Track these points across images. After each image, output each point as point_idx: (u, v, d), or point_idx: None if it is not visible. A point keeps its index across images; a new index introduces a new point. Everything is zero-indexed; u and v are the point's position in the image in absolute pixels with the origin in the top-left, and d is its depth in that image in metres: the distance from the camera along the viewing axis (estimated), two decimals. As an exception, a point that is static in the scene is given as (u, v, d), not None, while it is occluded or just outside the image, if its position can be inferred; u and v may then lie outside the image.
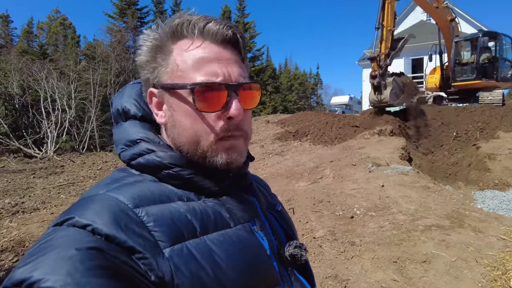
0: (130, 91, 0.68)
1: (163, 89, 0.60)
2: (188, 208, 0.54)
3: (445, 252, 2.97)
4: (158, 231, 0.49)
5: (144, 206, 0.51)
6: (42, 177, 8.76)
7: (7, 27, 27.98)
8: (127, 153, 0.61)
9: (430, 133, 9.11)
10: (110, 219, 0.46)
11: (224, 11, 28.46)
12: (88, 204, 0.49)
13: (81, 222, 0.45)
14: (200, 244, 0.51)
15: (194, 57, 0.58)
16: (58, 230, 0.45)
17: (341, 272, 2.83)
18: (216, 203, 0.59)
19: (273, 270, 0.60)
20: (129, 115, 0.65)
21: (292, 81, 38.68)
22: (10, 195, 6.83)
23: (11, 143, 14.17)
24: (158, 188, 0.56)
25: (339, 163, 6.42)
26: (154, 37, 0.60)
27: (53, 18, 28.78)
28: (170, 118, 0.60)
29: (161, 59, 0.60)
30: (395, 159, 6.24)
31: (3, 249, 4.07)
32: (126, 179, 0.57)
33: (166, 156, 0.58)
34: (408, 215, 3.78)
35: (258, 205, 0.67)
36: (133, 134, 0.62)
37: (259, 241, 0.60)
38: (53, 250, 0.41)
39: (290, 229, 0.74)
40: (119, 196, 0.51)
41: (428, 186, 4.70)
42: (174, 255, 0.48)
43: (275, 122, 13.81)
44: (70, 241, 0.42)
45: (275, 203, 0.79)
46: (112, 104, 0.69)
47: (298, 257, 0.65)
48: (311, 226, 3.76)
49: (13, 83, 16.14)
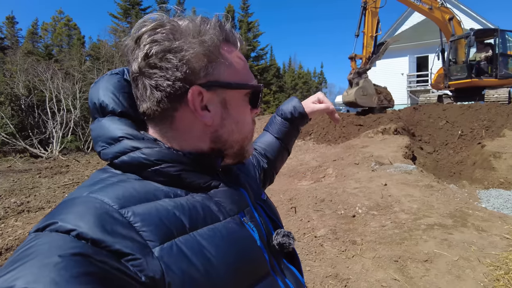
0: (107, 83, 0.64)
1: (223, 87, 0.60)
2: (176, 205, 0.53)
3: (447, 251, 2.95)
4: (146, 230, 0.48)
5: (130, 206, 0.49)
6: (47, 177, 8.85)
7: (13, 28, 28.23)
8: (108, 151, 0.58)
9: None
10: (95, 222, 0.44)
11: (227, 11, 28.45)
12: (71, 208, 0.47)
13: (64, 227, 0.43)
14: (190, 240, 0.51)
15: (243, 64, 0.65)
16: (39, 236, 0.43)
17: (341, 271, 2.82)
18: (204, 197, 0.58)
19: (263, 260, 0.60)
20: (107, 110, 0.61)
21: (296, 80, 38.59)
22: (16, 194, 6.91)
23: (17, 143, 14.33)
24: (143, 186, 0.54)
25: (342, 162, 6.40)
26: (214, 34, 0.59)
27: (57, 19, 29.04)
28: (227, 116, 0.62)
29: (221, 57, 0.60)
30: (398, 158, 6.21)
31: (8, 247, 4.12)
32: (109, 180, 0.54)
33: (152, 152, 0.56)
34: (411, 214, 3.75)
35: (247, 196, 0.67)
36: (115, 131, 0.58)
37: (250, 232, 0.60)
38: (35, 258, 0.39)
39: (277, 218, 0.75)
40: (104, 198, 0.49)
41: (432, 185, 4.66)
42: (164, 254, 0.47)
43: (278, 121, 13.80)
44: (53, 248, 0.41)
45: (261, 193, 0.79)
46: (89, 96, 0.66)
47: (286, 245, 0.66)
48: (312, 225, 3.75)
49: (19, 84, 16.32)
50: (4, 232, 4.63)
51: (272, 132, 1.12)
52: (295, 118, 1.10)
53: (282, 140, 1.11)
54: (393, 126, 8.52)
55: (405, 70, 21.70)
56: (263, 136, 1.14)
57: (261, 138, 1.13)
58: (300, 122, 1.12)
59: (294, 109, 1.09)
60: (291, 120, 1.10)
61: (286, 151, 1.15)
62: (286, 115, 1.10)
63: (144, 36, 0.57)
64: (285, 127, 1.11)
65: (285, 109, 1.10)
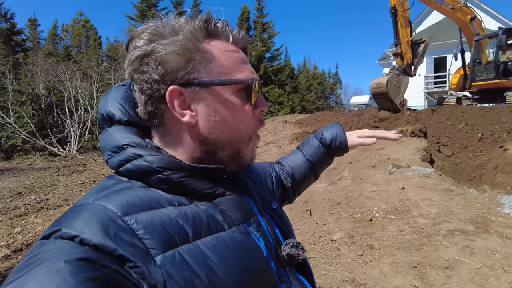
0: (115, 95, 0.66)
1: (203, 86, 0.57)
2: (180, 213, 0.53)
3: (469, 258, 2.85)
4: (149, 238, 0.48)
5: (133, 214, 0.49)
6: (65, 175, 9.06)
7: (35, 30, 29.08)
8: (114, 159, 0.59)
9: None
10: (99, 229, 0.45)
11: (243, 11, 28.53)
12: (75, 215, 0.48)
13: (68, 234, 0.44)
14: (193, 249, 0.50)
15: (233, 58, 0.60)
16: (45, 243, 0.44)
17: (358, 276, 2.77)
18: (209, 206, 0.57)
19: (270, 271, 0.59)
20: (114, 120, 0.63)
21: (311, 81, 38.38)
22: (35, 192, 7.10)
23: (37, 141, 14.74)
24: (147, 194, 0.54)
25: (358, 164, 6.31)
26: (190, 30, 0.57)
27: (77, 21, 29.75)
28: (210, 116, 0.59)
29: (199, 55, 0.57)
30: (416, 161, 6.07)
31: (29, 243, 4.23)
32: (115, 187, 0.55)
33: (154, 160, 0.56)
34: (430, 218, 3.65)
35: (254, 205, 0.65)
36: (119, 139, 0.60)
37: (255, 242, 0.59)
38: (41, 264, 0.40)
39: (287, 227, 0.73)
40: (107, 205, 0.49)
41: (451, 189, 4.53)
42: (166, 262, 0.47)
43: (292, 122, 13.74)
44: (58, 254, 0.41)
45: (271, 201, 0.77)
46: (98, 109, 0.68)
47: (295, 256, 0.64)
48: (328, 228, 3.70)
49: (40, 84, 16.81)
50: (24, 228, 4.76)
51: (305, 153, 1.08)
52: (334, 146, 1.06)
53: (314, 164, 1.08)
54: (410, 128, 8.35)
55: (422, 71, 21.24)
56: (294, 155, 1.10)
57: (292, 156, 1.09)
58: (338, 152, 1.08)
59: (335, 138, 1.05)
60: (329, 147, 1.06)
61: (314, 175, 1.11)
62: (326, 141, 1.06)
63: (131, 43, 0.59)
64: (321, 152, 1.07)
65: (326, 135, 1.06)
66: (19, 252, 4.03)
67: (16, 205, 6.03)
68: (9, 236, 4.48)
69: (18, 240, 4.33)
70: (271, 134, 12.60)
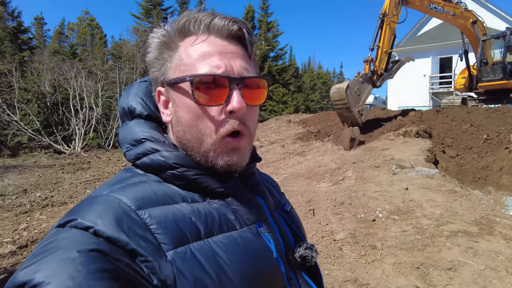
0: (137, 89, 0.68)
1: (168, 86, 0.59)
2: (193, 210, 0.53)
3: (473, 260, 2.84)
4: (161, 233, 0.48)
5: (147, 208, 0.50)
6: (70, 173, 9.12)
7: (41, 28, 29.31)
8: (132, 152, 0.60)
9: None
10: (112, 221, 0.46)
11: (247, 11, 28.51)
12: (91, 206, 0.48)
13: (83, 224, 0.45)
14: (204, 247, 0.50)
15: (198, 51, 0.57)
16: (60, 231, 0.45)
17: (361, 276, 2.77)
18: (221, 205, 0.58)
19: (279, 273, 0.59)
20: (134, 114, 0.65)
21: (315, 80, 38.27)
22: (41, 189, 7.16)
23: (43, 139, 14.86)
24: (161, 189, 0.55)
25: (362, 164, 6.29)
26: (162, 34, 0.61)
27: (83, 19, 29.93)
28: (175, 115, 0.60)
29: (167, 55, 0.60)
30: (420, 162, 6.04)
31: (34, 240, 4.28)
32: (130, 180, 0.56)
33: (171, 156, 0.57)
34: (433, 219, 3.64)
35: (265, 206, 0.65)
36: (138, 133, 0.61)
37: (266, 243, 0.59)
38: (55, 252, 0.41)
39: (299, 230, 0.73)
40: (122, 198, 0.50)
41: (455, 190, 4.51)
42: (177, 258, 0.47)
43: (296, 122, 13.72)
44: (72, 243, 0.42)
45: (284, 203, 0.77)
46: (118, 103, 0.70)
47: (309, 258, 0.64)
48: (331, 228, 3.70)
49: (45, 82, 16.94)
50: (30, 225, 4.80)
51: None
52: None
53: None
54: (415, 128, 8.30)
55: (428, 71, 21.10)
56: None
57: None
58: None
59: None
60: None
61: None
62: None
63: None
64: None
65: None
66: (24, 248, 4.08)
67: (22, 202, 6.09)
68: (15, 233, 4.52)
69: (23, 236, 4.37)
70: (275, 134, 12.59)
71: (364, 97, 8.89)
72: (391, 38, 9.19)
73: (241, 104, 0.56)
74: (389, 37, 9.13)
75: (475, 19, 10.68)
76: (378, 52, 9.10)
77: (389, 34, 9.10)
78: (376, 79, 9.13)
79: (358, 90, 8.70)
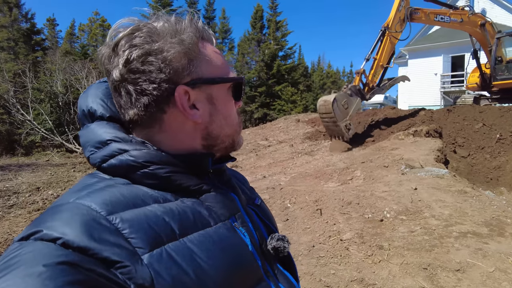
0: (95, 91, 0.65)
1: (206, 83, 0.60)
2: (165, 210, 0.52)
3: (482, 261, 2.80)
4: (135, 237, 0.47)
5: (118, 212, 0.48)
6: (81, 171, 9.28)
7: (53, 30, 29.85)
8: (97, 155, 0.57)
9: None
10: (82, 230, 0.43)
11: (256, 10, 28.48)
12: (57, 215, 0.46)
13: (50, 235, 0.42)
14: (180, 246, 0.50)
15: (221, 59, 0.65)
16: (24, 245, 0.42)
17: (367, 276, 2.76)
18: (194, 202, 0.57)
19: (256, 265, 0.59)
20: (95, 116, 0.61)
21: (325, 80, 38.09)
22: (53, 187, 7.31)
23: (55, 138, 15.14)
24: (131, 191, 0.53)
25: (371, 164, 6.24)
26: (193, 31, 0.60)
27: (93, 20, 30.33)
28: (214, 111, 0.62)
29: (200, 55, 0.60)
30: (430, 161, 5.97)
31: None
32: (96, 185, 0.53)
33: (140, 154, 0.55)
34: (442, 220, 3.60)
35: (238, 201, 0.66)
36: (102, 134, 0.58)
37: (241, 237, 0.59)
38: (19, 267, 0.38)
39: (271, 223, 0.74)
40: (91, 204, 0.48)
41: (465, 190, 4.45)
42: (153, 261, 0.46)
43: (305, 121, 13.67)
44: (37, 257, 0.39)
45: (255, 197, 0.78)
46: (78, 105, 0.66)
47: (281, 249, 0.65)
48: (338, 228, 3.69)
49: (57, 82, 17.24)
50: (42, 222, 4.91)
51: None
52: None
53: None
54: (425, 128, 8.20)
55: (439, 70, 20.78)
56: None
57: None
58: None
59: None
60: None
61: None
62: None
63: (121, 42, 0.56)
64: None
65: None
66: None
67: (35, 200, 6.23)
68: (27, 229, 4.64)
69: (35, 233, 4.48)
70: (283, 133, 12.58)
71: (352, 111, 8.52)
72: (389, 53, 8.89)
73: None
74: (388, 52, 8.81)
75: (483, 21, 10.42)
76: (373, 64, 8.78)
77: (388, 48, 8.77)
78: (366, 91, 8.75)
79: (345, 103, 8.33)
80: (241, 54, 27.99)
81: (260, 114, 25.76)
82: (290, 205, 4.58)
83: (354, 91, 8.59)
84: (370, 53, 8.78)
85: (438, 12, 9.68)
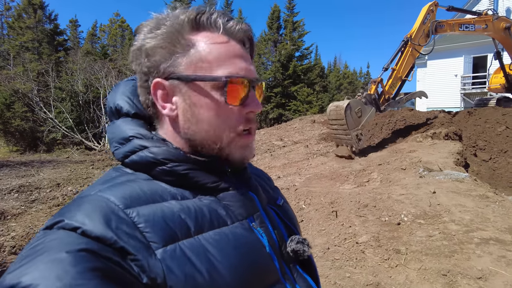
0: (123, 88, 0.67)
1: (180, 80, 0.57)
2: (182, 207, 0.53)
3: (505, 270, 2.70)
4: (150, 231, 0.48)
5: (135, 207, 0.50)
6: (99, 168, 9.50)
7: (75, 30, 30.72)
8: (120, 151, 0.59)
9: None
10: (100, 220, 0.45)
11: (273, 10, 28.40)
12: (78, 206, 0.48)
13: (71, 225, 0.44)
14: (195, 244, 0.50)
15: (220, 51, 0.58)
16: (48, 233, 0.44)
17: (383, 281, 2.71)
18: (212, 201, 0.57)
19: (273, 267, 0.58)
20: (121, 112, 0.64)
21: (341, 80, 37.59)
22: (72, 183, 7.51)
23: (75, 136, 15.56)
24: (150, 187, 0.54)
25: (388, 166, 6.13)
26: (173, 23, 0.57)
27: (114, 21, 31.08)
28: (186, 111, 0.58)
29: (180, 48, 0.57)
30: (449, 165, 5.81)
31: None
32: (118, 179, 0.55)
33: (159, 151, 0.56)
34: (462, 225, 3.49)
35: (258, 200, 0.64)
36: (126, 131, 0.60)
37: (258, 238, 0.58)
38: (42, 254, 0.40)
39: (293, 224, 0.72)
40: (110, 197, 0.50)
41: (487, 195, 4.30)
42: (166, 256, 0.47)
43: (321, 122, 13.57)
44: (60, 244, 0.42)
45: (277, 197, 0.76)
46: (106, 102, 0.68)
47: (301, 252, 0.63)
48: (354, 230, 3.64)
49: (78, 81, 17.72)
50: (62, 217, 5.05)
51: None
52: None
53: None
54: (444, 130, 7.99)
55: (460, 71, 20.21)
56: None
57: None
58: None
59: None
60: None
61: None
62: None
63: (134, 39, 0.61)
64: None
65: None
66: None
67: (55, 195, 6.42)
68: (48, 224, 4.78)
69: (56, 228, 4.61)
70: (298, 134, 12.52)
71: (365, 120, 7.93)
72: (410, 65, 8.46)
73: (260, 107, 0.61)
74: (408, 64, 8.42)
75: (508, 25, 10.04)
76: (391, 75, 8.38)
77: (409, 60, 8.40)
78: (381, 102, 8.33)
79: (359, 111, 7.77)
80: (258, 55, 27.98)
81: (275, 115, 25.70)
82: (305, 206, 4.55)
83: (369, 100, 8.15)
84: (389, 63, 8.40)
85: (463, 21, 9.38)
